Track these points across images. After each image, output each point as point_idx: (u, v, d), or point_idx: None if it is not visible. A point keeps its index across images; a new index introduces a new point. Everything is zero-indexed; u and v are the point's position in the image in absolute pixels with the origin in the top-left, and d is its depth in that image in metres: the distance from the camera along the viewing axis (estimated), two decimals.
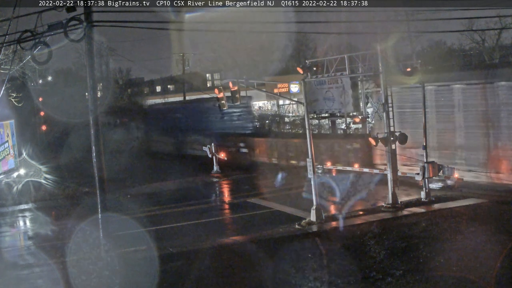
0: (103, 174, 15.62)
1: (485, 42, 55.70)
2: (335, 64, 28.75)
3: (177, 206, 25.07)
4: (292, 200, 24.63)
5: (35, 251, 18.96)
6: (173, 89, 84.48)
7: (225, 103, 23.12)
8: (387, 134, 21.69)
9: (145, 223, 21.62)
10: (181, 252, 17.48)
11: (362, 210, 21.85)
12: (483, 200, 21.79)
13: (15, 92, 30.84)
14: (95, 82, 15.48)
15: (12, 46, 17.71)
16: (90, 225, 17.77)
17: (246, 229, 20.38)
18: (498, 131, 23.89)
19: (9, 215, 24.92)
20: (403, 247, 16.84)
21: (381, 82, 22.44)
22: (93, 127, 15.25)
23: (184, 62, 63.15)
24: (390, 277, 14.53)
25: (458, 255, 15.47)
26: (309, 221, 20.31)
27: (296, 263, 15.91)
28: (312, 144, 21.07)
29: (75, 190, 29.01)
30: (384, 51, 22.20)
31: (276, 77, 59.47)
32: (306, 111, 21.32)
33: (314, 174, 20.69)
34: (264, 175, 30.86)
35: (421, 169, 22.37)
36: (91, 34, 14.59)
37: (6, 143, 30.18)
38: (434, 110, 26.19)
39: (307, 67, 22.14)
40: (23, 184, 29.57)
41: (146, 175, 33.92)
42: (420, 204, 22.10)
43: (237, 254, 17.39)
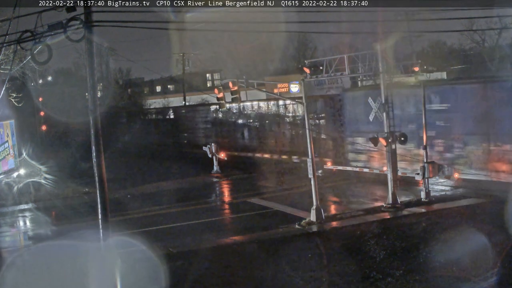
0: (103, 174, 15.61)
1: (485, 42, 55.75)
2: (335, 64, 28.77)
3: (177, 206, 25.07)
4: (292, 200, 24.64)
5: (35, 251, 18.97)
6: (173, 89, 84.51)
7: (225, 103, 23.17)
8: (387, 134, 21.70)
9: (145, 223, 21.65)
10: (181, 252, 17.48)
11: (362, 210, 21.86)
12: (483, 200, 21.79)
13: (15, 92, 30.83)
14: (95, 82, 15.47)
15: (12, 46, 17.69)
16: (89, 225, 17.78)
17: (246, 229, 20.39)
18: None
19: (9, 215, 24.92)
20: (403, 247, 16.84)
21: (381, 82, 22.45)
22: (93, 127, 15.24)
23: (184, 62, 63.13)
24: (390, 277, 14.54)
25: (458, 255, 15.46)
26: (309, 221, 20.31)
27: (296, 263, 15.92)
28: (312, 144, 21.08)
29: (75, 190, 29.02)
30: (384, 51, 22.21)
31: (276, 77, 59.49)
32: (306, 111, 21.32)
33: (314, 174, 20.70)
34: (264, 175, 30.90)
35: (421, 169, 22.38)
36: (91, 34, 14.59)
37: (6, 143, 30.19)
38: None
39: (307, 67, 22.17)
40: (23, 184, 29.58)
41: (146, 175, 33.94)
42: (420, 204, 22.10)
43: (237, 254, 17.39)
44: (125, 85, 71.75)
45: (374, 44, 22.60)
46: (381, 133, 21.94)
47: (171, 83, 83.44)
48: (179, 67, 64.40)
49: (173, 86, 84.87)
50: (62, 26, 13.87)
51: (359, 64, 27.89)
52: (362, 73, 28.14)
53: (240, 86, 22.64)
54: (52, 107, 44.31)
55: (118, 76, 73.12)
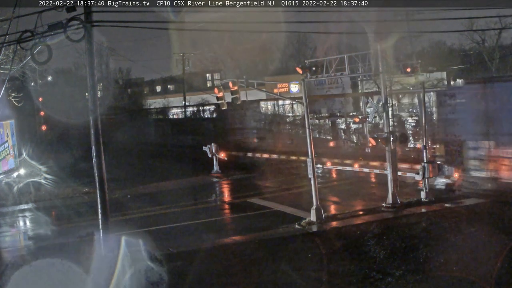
0: (103, 174, 15.61)
1: (485, 42, 55.79)
2: (335, 64, 28.78)
3: (177, 206, 25.05)
4: (292, 200, 24.64)
5: (35, 251, 18.96)
6: (173, 89, 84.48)
7: (225, 103, 23.16)
8: (387, 134, 21.70)
9: (145, 223, 21.64)
10: (181, 252, 17.47)
11: (362, 210, 21.86)
12: (483, 199, 21.78)
13: (15, 92, 30.81)
14: (95, 82, 15.48)
15: (12, 46, 17.71)
16: (89, 225, 17.80)
17: (246, 229, 20.37)
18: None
19: (9, 215, 24.91)
20: (403, 247, 16.84)
21: (381, 82, 22.44)
22: (93, 127, 15.25)
23: (184, 62, 63.09)
24: (390, 277, 14.55)
25: (458, 255, 15.47)
26: (309, 221, 20.30)
27: (296, 263, 15.92)
28: (312, 144, 21.09)
29: (75, 190, 29.01)
30: (384, 51, 22.21)
31: (276, 77, 59.48)
32: (306, 111, 21.31)
33: (314, 174, 20.71)
34: (264, 175, 30.89)
35: (421, 169, 22.38)
36: (91, 34, 14.59)
37: (6, 143, 30.18)
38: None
39: (306, 67, 22.15)
40: (23, 184, 29.56)
41: (146, 175, 33.92)
42: (420, 204, 22.10)
43: (237, 254, 17.38)
44: (125, 85, 71.78)
45: (374, 44, 22.59)
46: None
47: (171, 83, 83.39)
48: (179, 67, 64.38)
49: (173, 86, 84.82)
50: (62, 26, 13.88)
51: (359, 64, 27.88)
52: (362, 73, 28.13)
53: (240, 86, 22.63)
54: (52, 107, 44.31)
55: (118, 76, 73.16)
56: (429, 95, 31.74)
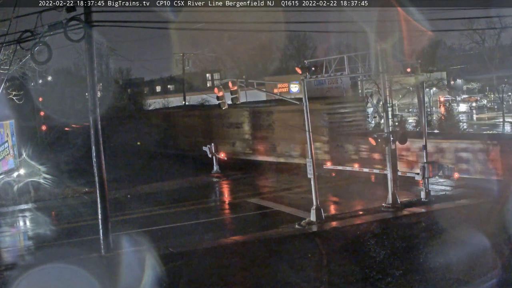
0: (103, 174, 15.63)
1: (485, 42, 55.77)
2: (335, 64, 28.76)
3: (177, 206, 25.06)
4: (292, 200, 24.63)
5: (35, 252, 18.96)
6: (173, 89, 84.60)
7: (225, 103, 23.17)
8: (387, 134, 21.69)
9: (145, 223, 21.64)
10: (181, 252, 17.47)
11: (362, 210, 21.85)
12: (483, 199, 21.76)
13: (15, 90, 30.76)
14: (95, 82, 15.49)
15: (12, 46, 17.70)
16: (89, 226, 17.81)
17: (246, 229, 20.37)
18: None
19: (9, 215, 24.91)
20: (403, 247, 16.84)
21: (381, 82, 22.42)
22: (93, 127, 15.28)
23: (184, 62, 63.08)
24: (390, 277, 14.52)
25: (458, 255, 15.45)
26: (309, 221, 20.30)
27: (296, 263, 15.91)
28: (312, 144, 21.09)
29: (75, 190, 29.00)
30: (384, 51, 22.19)
31: (276, 77, 59.55)
32: (306, 111, 21.30)
33: (314, 174, 20.71)
34: (264, 175, 30.87)
35: (421, 169, 22.37)
36: (91, 34, 14.61)
37: (6, 143, 30.14)
38: None
39: (306, 67, 22.14)
40: (23, 184, 29.54)
41: (146, 175, 33.91)
42: (420, 204, 22.09)
43: (237, 254, 17.38)
44: (125, 85, 71.75)
45: (374, 44, 22.56)
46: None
47: (171, 83, 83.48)
48: (179, 67, 64.37)
49: (173, 86, 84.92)
50: (62, 26, 13.90)
51: (359, 64, 27.86)
52: (362, 73, 28.11)
53: (240, 86, 22.62)
54: (52, 107, 44.26)
55: (118, 76, 73.14)
56: (429, 95, 31.80)
